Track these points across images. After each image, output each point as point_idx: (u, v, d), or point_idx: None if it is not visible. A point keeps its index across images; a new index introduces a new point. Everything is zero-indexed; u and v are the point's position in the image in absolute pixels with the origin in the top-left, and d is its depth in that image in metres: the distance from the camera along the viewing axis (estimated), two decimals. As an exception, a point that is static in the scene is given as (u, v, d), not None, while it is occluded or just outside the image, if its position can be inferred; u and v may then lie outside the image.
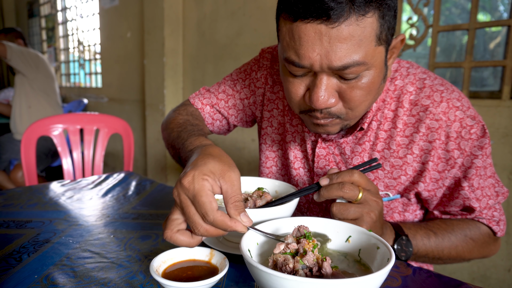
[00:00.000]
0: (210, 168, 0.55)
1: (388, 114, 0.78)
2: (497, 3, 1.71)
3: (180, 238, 0.57)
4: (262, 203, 0.73)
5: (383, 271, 0.44)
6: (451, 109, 0.74)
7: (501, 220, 0.82)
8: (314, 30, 0.59)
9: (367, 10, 0.58)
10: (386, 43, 0.64)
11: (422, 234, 0.78)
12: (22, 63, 2.85)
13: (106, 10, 3.73)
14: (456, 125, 0.74)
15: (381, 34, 0.61)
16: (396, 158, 0.79)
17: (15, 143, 2.99)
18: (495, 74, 1.71)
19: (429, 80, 0.78)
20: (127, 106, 3.60)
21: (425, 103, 0.75)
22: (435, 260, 0.80)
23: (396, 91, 0.78)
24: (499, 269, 1.60)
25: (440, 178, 0.78)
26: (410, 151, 0.77)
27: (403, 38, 0.70)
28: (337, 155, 0.85)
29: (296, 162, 0.93)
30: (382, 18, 0.60)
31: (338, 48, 0.59)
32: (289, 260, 0.50)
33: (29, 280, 0.59)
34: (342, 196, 0.63)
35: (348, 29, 0.58)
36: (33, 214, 0.92)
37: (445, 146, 0.75)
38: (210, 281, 0.52)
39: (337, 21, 0.57)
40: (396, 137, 0.78)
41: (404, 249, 0.73)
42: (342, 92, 0.66)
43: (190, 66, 2.87)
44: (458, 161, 0.76)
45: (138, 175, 1.32)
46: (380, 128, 0.79)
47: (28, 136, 1.73)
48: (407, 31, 1.75)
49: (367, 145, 0.81)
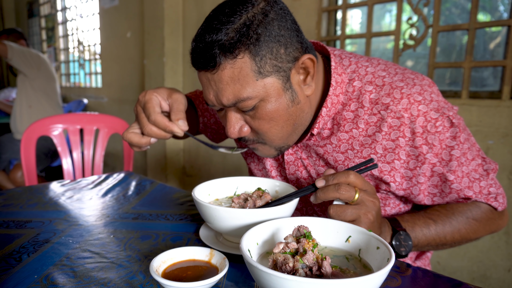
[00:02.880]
0: (161, 90, 0.78)
1: (348, 115, 0.79)
2: (497, 3, 1.71)
3: (132, 135, 0.77)
4: (261, 203, 0.73)
5: (383, 271, 0.44)
6: (412, 105, 0.74)
7: (498, 194, 0.82)
8: (205, 77, 0.71)
9: (235, 54, 0.66)
10: (277, 72, 0.69)
11: (421, 224, 0.77)
12: (23, 63, 2.85)
13: (106, 10, 3.73)
14: (420, 119, 0.74)
15: (261, 69, 0.67)
16: (361, 159, 0.79)
17: (15, 143, 2.99)
18: (495, 74, 1.71)
19: (389, 77, 0.78)
20: (127, 106, 3.60)
21: (386, 101, 0.75)
22: (440, 247, 0.80)
23: (355, 92, 0.79)
24: (499, 269, 1.60)
25: (413, 175, 0.77)
26: (374, 150, 0.77)
27: (308, 57, 0.72)
28: (305, 159, 0.87)
29: (273, 171, 0.96)
30: (256, 54, 0.66)
31: (223, 89, 0.69)
32: (289, 259, 0.50)
33: (29, 280, 0.59)
34: (338, 197, 0.63)
35: (225, 72, 0.67)
36: (33, 214, 0.92)
37: (412, 143, 0.75)
38: (210, 281, 0.52)
39: (215, 68, 0.68)
40: (358, 137, 0.78)
41: (403, 243, 0.73)
42: (249, 122, 0.75)
43: (190, 66, 2.87)
44: (428, 156, 0.75)
45: (138, 175, 1.32)
46: (340, 130, 0.80)
47: (28, 136, 1.73)
48: (407, 31, 1.75)
49: (329, 148, 0.82)
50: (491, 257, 1.61)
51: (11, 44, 2.81)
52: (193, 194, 0.74)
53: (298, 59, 0.71)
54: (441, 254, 1.73)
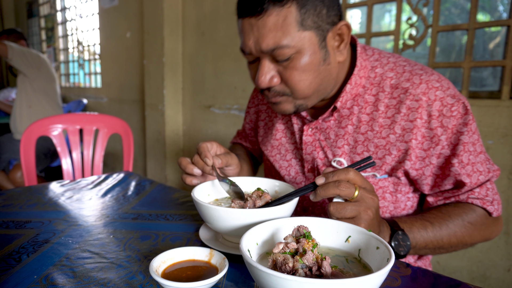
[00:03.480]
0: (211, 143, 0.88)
1: (369, 99, 0.85)
2: (496, 3, 1.71)
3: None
4: (261, 203, 0.73)
5: (383, 271, 0.44)
6: (430, 89, 0.79)
7: (494, 200, 0.83)
8: (248, 23, 0.76)
9: (284, 2, 0.72)
10: (317, 29, 0.75)
11: (418, 226, 0.78)
12: (23, 63, 2.85)
13: (105, 10, 3.73)
14: (437, 104, 0.79)
15: (303, 21, 0.73)
16: (380, 139, 0.83)
17: (15, 143, 2.99)
18: (495, 74, 1.71)
19: (409, 66, 0.84)
20: (126, 106, 3.60)
21: (405, 86, 0.81)
22: (437, 250, 0.81)
23: (376, 77, 0.85)
24: (499, 269, 1.60)
25: (426, 156, 0.81)
26: (393, 131, 0.81)
27: (345, 23, 0.79)
28: (322, 140, 0.90)
29: (288, 154, 0.98)
30: (302, 6, 0.73)
31: (264, 35, 0.74)
32: (289, 259, 0.50)
33: (28, 281, 0.59)
34: (338, 194, 0.63)
35: (270, 19, 0.72)
36: (32, 214, 0.92)
37: (428, 125, 0.79)
38: (209, 281, 0.52)
39: (261, 13, 0.73)
40: (378, 119, 0.83)
41: (401, 243, 0.73)
42: (281, 73, 0.79)
43: (190, 66, 2.87)
44: (442, 138, 0.79)
45: (137, 175, 1.32)
46: (361, 112, 0.85)
47: (28, 136, 1.73)
48: (406, 31, 1.75)
49: (350, 128, 0.86)
50: (490, 257, 1.61)
51: (11, 44, 2.81)
52: (192, 194, 0.74)
53: (336, 24, 0.78)
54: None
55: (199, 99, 2.82)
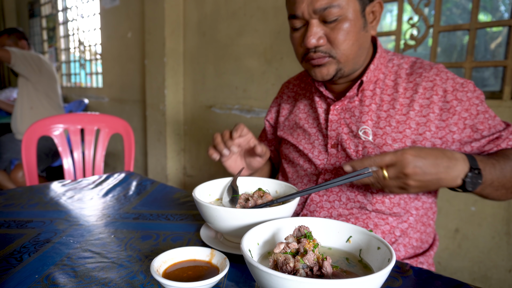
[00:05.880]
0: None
1: (389, 83, 0.96)
2: (498, 3, 1.71)
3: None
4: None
5: (384, 271, 0.44)
6: (441, 72, 0.91)
7: None
8: None
9: None
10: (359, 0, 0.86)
11: (490, 164, 0.82)
12: (26, 67, 2.85)
13: (106, 10, 3.73)
14: (449, 81, 0.90)
15: None
16: (401, 115, 0.91)
17: (16, 143, 3.00)
18: (496, 74, 1.71)
19: (420, 60, 0.97)
20: (127, 106, 3.61)
21: (419, 71, 0.93)
22: (500, 189, 0.85)
23: (394, 67, 0.97)
24: (500, 269, 1.60)
25: (446, 125, 0.89)
26: (412, 108, 0.90)
27: (379, 1, 0.90)
28: (347, 118, 0.97)
29: (312, 137, 1.04)
30: None
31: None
32: (290, 259, 0.50)
33: (29, 280, 0.59)
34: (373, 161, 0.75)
35: None
36: (33, 214, 0.92)
37: (444, 99, 0.89)
38: (210, 281, 0.52)
39: None
40: (398, 98, 0.93)
41: (473, 181, 0.78)
42: (327, 34, 0.86)
43: (191, 66, 2.87)
44: (457, 109, 0.88)
45: (138, 175, 1.32)
46: (383, 93, 0.95)
47: (29, 136, 1.73)
48: (408, 31, 1.75)
49: (373, 107, 0.94)
50: (492, 257, 1.61)
51: (13, 49, 2.82)
52: (193, 194, 0.74)
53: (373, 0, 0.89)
54: (442, 254, 1.73)
55: (200, 99, 2.82)
